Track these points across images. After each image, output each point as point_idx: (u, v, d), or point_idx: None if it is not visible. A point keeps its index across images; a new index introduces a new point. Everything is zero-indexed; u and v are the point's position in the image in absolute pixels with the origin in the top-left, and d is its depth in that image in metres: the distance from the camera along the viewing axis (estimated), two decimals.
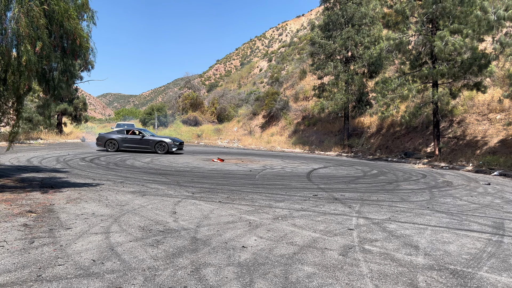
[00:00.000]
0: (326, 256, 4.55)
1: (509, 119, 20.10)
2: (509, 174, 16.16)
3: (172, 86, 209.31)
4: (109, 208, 6.62)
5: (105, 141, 21.78)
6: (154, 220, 5.87)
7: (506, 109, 21.16)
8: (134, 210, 6.52)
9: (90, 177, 10.68)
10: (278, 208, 7.31)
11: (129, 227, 5.40)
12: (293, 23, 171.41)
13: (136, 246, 4.59)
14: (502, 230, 6.37)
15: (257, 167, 15.62)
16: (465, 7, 19.61)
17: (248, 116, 46.27)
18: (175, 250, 4.48)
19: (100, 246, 4.51)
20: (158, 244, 4.70)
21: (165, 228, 5.46)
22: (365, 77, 28.67)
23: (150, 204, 7.14)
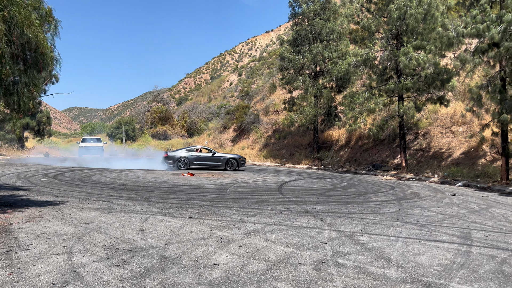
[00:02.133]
0: (300, 272, 4.46)
1: (471, 132, 20.87)
2: (472, 185, 16.70)
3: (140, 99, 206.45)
4: (73, 227, 6.30)
5: (176, 160, 22.14)
6: (120, 238, 5.62)
7: (468, 122, 22.00)
8: (99, 228, 6.23)
9: (53, 194, 10.22)
10: (250, 222, 7.18)
11: (94, 247, 5.13)
12: (262, 38, 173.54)
13: (101, 266, 4.34)
14: (470, 240, 6.49)
15: (228, 181, 15.45)
16: (427, 24, 20.41)
17: (219, 129, 46.10)
18: (143, 270, 4.27)
19: (61, 268, 4.24)
20: (125, 264, 4.47)
21: (132, 246, 5.22)
22: (334, 91, 29.20)
23: (117, 221, 6.86)
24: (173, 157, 22.35)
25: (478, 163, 19.39)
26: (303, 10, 29.33)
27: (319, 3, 29.09)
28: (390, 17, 21.06)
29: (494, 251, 5.79)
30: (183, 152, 22.54)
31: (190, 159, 22.12)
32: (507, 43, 15.13)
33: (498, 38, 15.37)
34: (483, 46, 16.46)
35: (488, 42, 16.21)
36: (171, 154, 22.77)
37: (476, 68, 17.41)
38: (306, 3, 29.46)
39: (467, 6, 18.03)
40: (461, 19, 17.21)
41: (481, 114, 17.21)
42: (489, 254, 5.62)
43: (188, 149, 23.01)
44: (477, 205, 10.93)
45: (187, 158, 22.10)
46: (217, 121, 48.12)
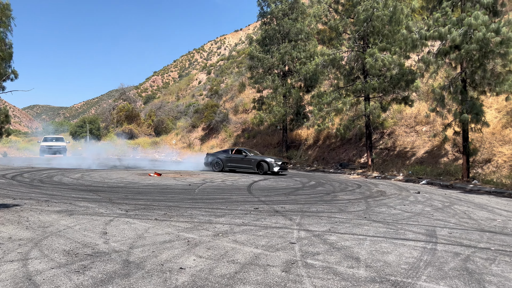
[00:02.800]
0: (269, 274, 4.37)
1: (434, 131, 21.51)
2: (435, 183, 17.21)
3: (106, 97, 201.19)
4: (30, 231, 5.95)
5: (211, 161, 22.40)
6: (81, 243, 5.35)
7: (431, 121, 22.67)
8: (59, 232, 5.92)
9: (10, 196, 9.69)
10: (218, 223, 7.04)
11: (52, 252, 4.85)
12: (231, 37, 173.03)
13: (59, 273, 4.10)
14: (435, 237, 6.61)
15: (196, 181, 15.22)
16: (392, 26, 20.87)
17: (187, 128, 45.52)
18: (104, 276, 4.05)
19: (15, 276, 3.96)
20: (85, 270, 4.23)
21: (94, 251, 4.98)
22: (302, 91, 29.41)
23: (78, 224, 6.55)
24: (208, 158, 22.71)
25: (440, 161, 20.02)
26: (272, 9, 29.36)
27: (287, 3, 29.20)
28: (357, 18, 21.40)
29: (458, 248, 5.91)
30: (220, 154, 22.69)
31: (223, 160, 21.97)
32: (468, 45, 15.67)
33: (459, 40, 15.89)
34: (445, 49, 16.98)
35: (450, 45, 16.73)
36: (210, 154, 23.16)
37: (439, 70, 17.94)
38: (275, 3, 29.51)
39: (430, 9, 18.55)
40: (424, 22, 17.68)
41: (444, 114, 17.76)
42: (453, 251, 5.73)
43: (225, 150, 23.09)
44: (441, 203, 11.23)
45: (220, 160, 22.03)
46: (186, 120, 47.50)
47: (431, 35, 16.77)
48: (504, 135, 18.61)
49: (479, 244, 6.27)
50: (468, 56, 16.08)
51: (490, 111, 20.35)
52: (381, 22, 20.73)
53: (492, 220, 8.78)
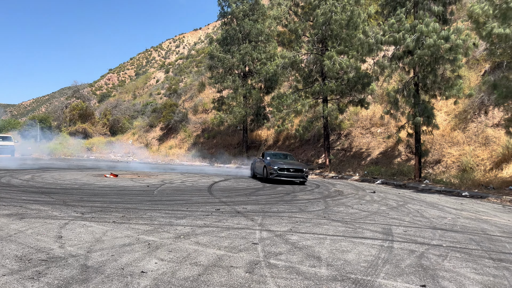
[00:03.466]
0: (233, 275, 4.36)
1: (388, 133, 22.34)
2: (390, 182, 17.87)
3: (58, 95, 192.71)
4: None
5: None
6: (35, 248, 5.08)
7: (385, 123, 23.52)
8: (9, 237, 5.59)
9: None
10: (179, 225, 6.93)
11: (3, 258, 4.58)
12: (190, 36, 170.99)
13: (11, 280, 3.87)
14: (391, 236, 6.86)
15: (155, 182, 14.91)
16: (350, 30, 21.47)
17: (145, 128, 44.52)
18: (61, 282, 3.87)
19: None
20: (40, 276, 4.03)
21: (49, 256, 4.75)
22: (262, 92, 29.60)
23: (30, 228, 6.22)
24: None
25: (394, 162, 20.81)
26: (232, 9, 29.35)
27: (248, 4, 29.30)
28: (316, 21, 21.82)
29: (413, 246, 6.17)
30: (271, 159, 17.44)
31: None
32: (420, 51, 16.41)
33: (412, 46, 16.62)
34: (399, 53, 17.69)
35: (404, 50, 17.46)
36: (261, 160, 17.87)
37: (393, 74, 18.69)
38: (235, 3, 29.52)
39: (385, 15, 19.27)
40: (380, 27, 18.34)
41: (398, 117, 18.51)
42: (409, 248, 5.97)
43: (273, 154, 18.53)
44: (395, 202, 11.68)
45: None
46: (143, 120, 46.43)
47: (386, 40, 17.42)
48: (452, 137, 19.63)
49: (432, 242, 6.58)
50: (421, 61, 16.85)
51: (440, 114, 21.42)
52: (339, 26, 21.26)
53: (443, 218, 9.23)
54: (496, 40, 14.32)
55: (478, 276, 4.80)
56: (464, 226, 8.22)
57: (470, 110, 20.19)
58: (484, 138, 18.41)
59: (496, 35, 13.91)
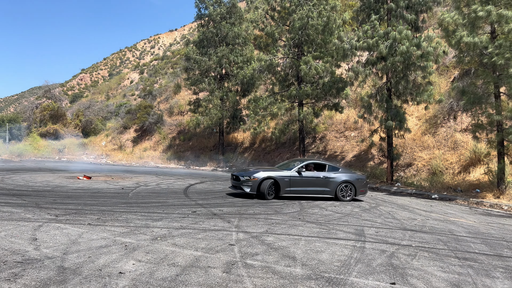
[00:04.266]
0: (210, 275, 4.44)
1: (362, 137, 22.83)
2: None
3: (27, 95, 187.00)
4: None
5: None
6: (9, 250, 5.02)
7: (359, 127, 24.04)
8: None
9: None
10: (156, 227, 6.95)
11: None
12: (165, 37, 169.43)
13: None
14: (363, 236, 7.08)
15: (129, 185, 14.76)
16: (325, 35, 21.86)
17: (118, 129, 43.82)
18: (39, 284, 3.86)
19: None
20: (17, 277, 4.00)
21: (24, 258, 4.70)
22: (239, 94, 29.70)
23: (3, 231, 6.11)
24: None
25: (367, 165, 21.29)
26: (210, 12, 29.36)
27: (225, 7, 29.38)
28: (292, 26, 22.11)
29: (384, 246, 6.40)
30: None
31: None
32: (393, 57, 16.91)
33: (385, 52, 17.10)
34: (372, 59, 18.16)
35: (377, 56, 17.94)
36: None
37: (367, 79, 19.15)
38: (213, 6, 29.55)
39: (360, 21, 19.74)
40: (355, 33, 18.77)
41: (371, 121, 18.95)
42: (380, 248, 6.20)
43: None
44: (368, 204, 11.99)
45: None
46: (117, 121, 45.68)
47: (360, 45, 17.85)
48: (423, 141, 20.27)
49: (402, 242, 6.84)
50: (393, 67, 17.35)
51: (412, 118, 22.07)
52: (315, 31, 21.61)
53: (413, 219, 9.57)
54: (464, 48, 14.92)
55: (444, 274, 5.05)
56: (433, 227, 8.56)
57: (440, 115, 20.89)
58: (453, 142, 19.10)
59: (464, 43, 14.48)
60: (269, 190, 12.03)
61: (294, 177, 12.29)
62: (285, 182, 12.15)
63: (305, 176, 12.37)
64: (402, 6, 17.87)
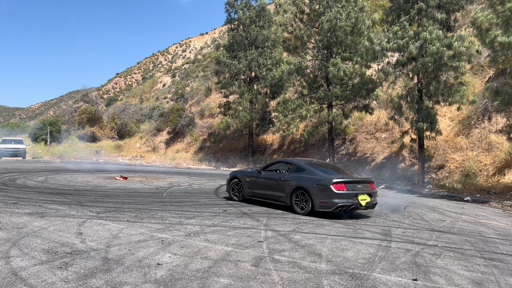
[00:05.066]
0: (240, 268, 4.77)
1: (392, 138, 22.65)
2: (393, 187, 18.17)
3: (66, 98, 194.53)
4: (5, 232, 6.05)
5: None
6: (59, 242, 5.54)
7: (390, 129, 23.84)
8: (34, 233, 6.06)
9: None
10: (189, 224, 7.36)
11: (32, 251, 5.03)
12: (196, 40, 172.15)
13: (43, 269, 4.32)
14: (390, 236, 7.23)
15: (163, 185, 15.37)
16: (355, 37, 21.86)
17: (152, 132, 45.10)
18: (87, 271, 4.32)
19: (0, 272, 4.15)
20: (67, 266, 4.47)
21: (72, 249, 5.19)
22: (268, 97, 30.03)
23: (52, 225, 6.68)
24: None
25: (398, 167, 21.11)
26: (239, 16, 29.87)
27: (254, 11, 29.80)
28: (321, 28, 22.24)
29: (409, 246, 6.54)
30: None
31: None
32: (423, 58, 16.76)
33: (415, 53, 16.97)
34: (403, 60, 18.04)
35: (407, 57, 17.80)
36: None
37: (397, 80, 19.02)
38: (242, 10, 30.04)
39: (390, 22, 19.65)
40: (385, 34, 18.72)
41: (401, 122, 18.81)
42: (405, 248, 6.35)
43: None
44: (397, 206, 12.01)
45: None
46: (150, 123, 47.03)
47: (390, 47, 17.78)
48: (456, 142, 19.91)
49: (428, 242, 6.94)
50: (424, 68, 17.19)
51: (444, 119, 21.71)
52: (344, 33, 21.65)
53: (442, 221, 9.57)
54: (498, 48, 14.64)
55: (467, 272, 5.17)
56: (462, 229, 8.56)
57: (473, 116, 20.46)
58: (487, 143, 18.68)
59: (499, 42, 14.22)
60: (233, 190, 11.22)
61: (254, 178, 10.75)
62: (246, 182, 10.84)
63: (264, 177, 10.57)
64: (433, 6, 17.67)
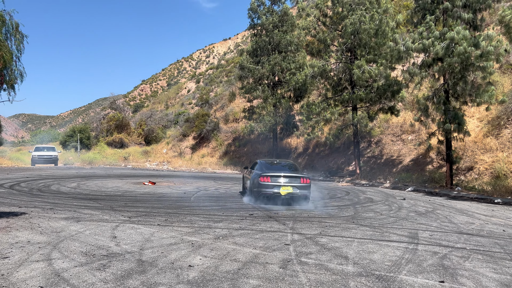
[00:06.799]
0: (268, 270, 4.92)
1: (419, 140, 22.34)
2: (421, 190, 17.92)
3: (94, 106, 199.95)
4: (45, 236, 6.41)
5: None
6: (95, 245, 5.83)
7: (416, 130, 23.51)
8: (71, 236, 6.39)
9: (15, 205, 10.07)
10: (217, 228, 7.56)
11: (71, 253, 5.33)
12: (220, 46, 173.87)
13: (83, 270, 4.59)
14: (417, 239, 7.23)
15: (190, 189, 15.69)
16: (379, 38, 21.72)
17: (178, 137, 45.89)
18: (124, 273, 4.56)
19: (44, 273, 4.45)
20: (105, 267, 4.74)
21: (109, 252, 5.47)
22: (292, 101, 30.13)
23: (87, 229, 7.01)
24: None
25: (426, 169, 20.79)
26: (262, 21, 30.14)
27: (277, 16, 30.01)
28: (344, 31, 22.22)
29: (437, 248, 6.53)
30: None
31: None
32: (450, 58, 16.52)
33: (441, 53, 16.74)
34: (428, 61, 17.82)
35: (433, 57, 17.58)
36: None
37: (423, 81, 18.78)
38: (265, 15, 30.31)
39: (415, 23, 19.45)
40: (409, 35, 18.53)
41: (428, 124, 18.55)
42: (432, 250, 6.34)
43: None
44: (424, 208, 11.90)
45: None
46: (176, 129, 47.87)
47: (415, 47, 17.59)
48: (485, 143, 19.46)
49: (456, 245, 6.90)
50: (450, 69, 16.94)
51: (472, 120, 21.25)
52: (367, 35, 21.56)
53: (471, 223, 9.44)
54: None
55: (496, 275, 5.14)
56: (491, 231, 8.44)
57: (503, 116, 19.95)
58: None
59: None
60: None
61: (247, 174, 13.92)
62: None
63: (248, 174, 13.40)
64: (459, 5, 17.41)
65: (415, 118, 19.23)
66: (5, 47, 7.77)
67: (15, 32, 7.76)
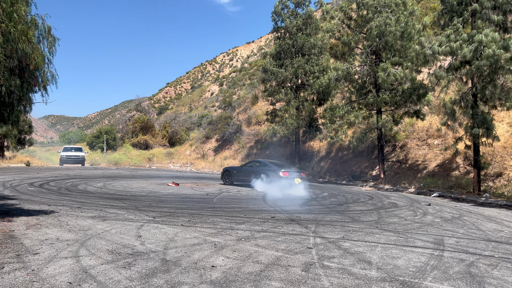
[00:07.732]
0: (290, 272, 4.92)
1: (446, 145, 21.85)
2: (447, 195, 17.53)
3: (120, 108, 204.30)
4: (73, 233, 6.60)
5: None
6: (121, 244, 5.97)
7: (443, 135, 23.01)
8: (98, 235, 6.56)
9: (44, 203, 10.40)
10: (239, 230, 7.61)
11: (98, 251, 5.48)
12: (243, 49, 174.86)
13: (109, 268, 4.71)
14: (442, 245, 7.08)
15: (213, 191, 15.82)
16: (404, 41, 21.41)
17: (201, 139, 46.34)
18: (148, 271, 4.66)
19: (73, 269, 4.59)
20: (130, 266, 4.84)
21: (134, 251, 5.59)
22: (315, 104, 29.99)
23: (113, 228, 7.18)
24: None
25: (452, 174, 20.32)
26: (286, 24, 30.15)
27: (301, 19, 29.97)
28: (369, 33, 21.99)
29: (463, 255, 6.38)
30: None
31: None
32: (478, 61, 16.11)
33: (469, 56, 16.36)
34: (456, 64, 17.44)
35: (461, 60, 17.19)
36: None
37: (450, 84, 18.39)
38: (289, 18, 30.31)
39: (442, 25, 19.08)
40: (436, 38, 18.19)
41: (455, 128, 18.14)
42: (459, 257, 6.20)
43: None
44: (450, 215, 11.63)
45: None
46: (199, 131, 48.37)
47: (443, 50, 17.25)
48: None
49: (483, 252, 6.72)
50: (479, 72, 16.52)
51: (502, 125, 20.65)
52: (393, 38, 21.27)
53: (500, 231, 9.18)
54: None
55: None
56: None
57: None
58: None
59: None
60: (225, 178, 19.92)
61: (238, 170, 19.62)
62: (234, 173, 19.48)
63: (244, 170, 19.19)
64: (488, 7, 16.97)
65: (441, 122, 18.83)
66: (37, 50, 8.06)
67: (47, 35, 8.04)
